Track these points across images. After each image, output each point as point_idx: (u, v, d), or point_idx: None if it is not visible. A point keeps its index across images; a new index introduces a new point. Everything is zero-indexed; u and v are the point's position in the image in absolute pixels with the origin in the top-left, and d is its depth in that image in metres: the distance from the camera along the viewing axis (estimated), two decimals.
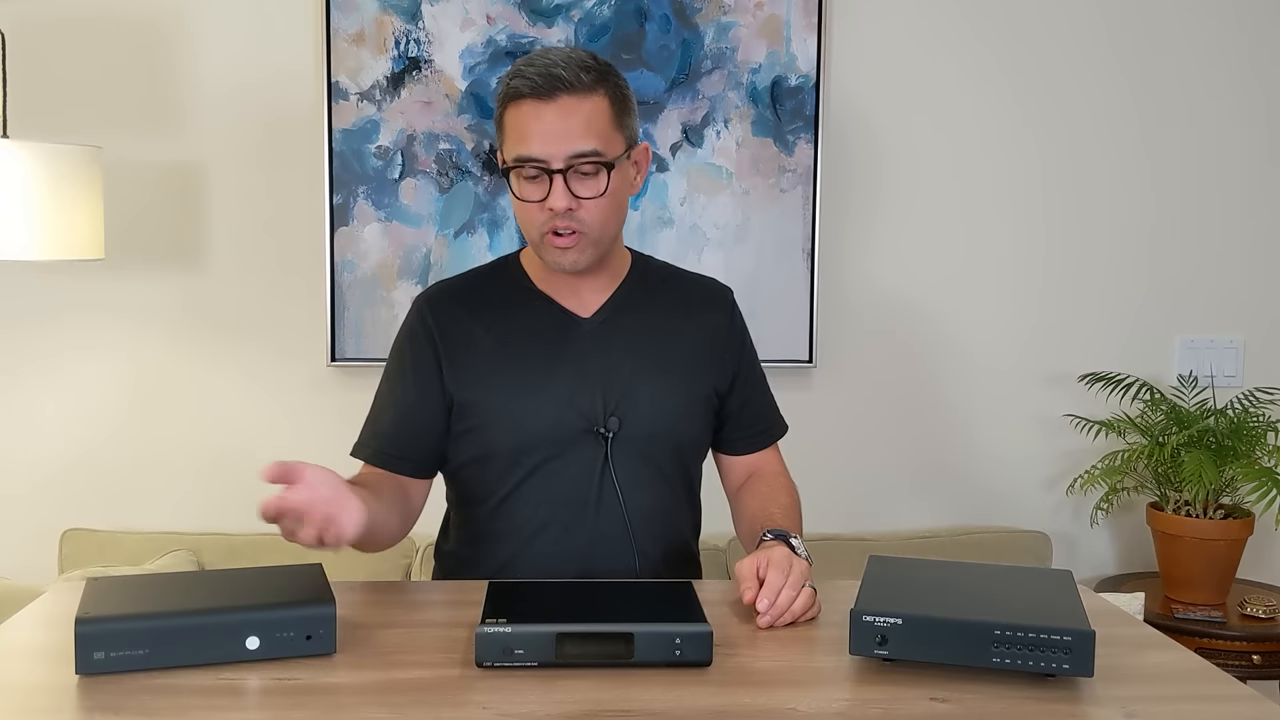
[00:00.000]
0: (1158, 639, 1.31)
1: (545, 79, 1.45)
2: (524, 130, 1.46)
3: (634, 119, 1.55)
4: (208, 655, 1.15)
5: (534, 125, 1.46)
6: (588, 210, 1.49)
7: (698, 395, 1.64)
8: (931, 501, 2.78)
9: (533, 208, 1.49)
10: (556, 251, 1.51)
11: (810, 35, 2.61)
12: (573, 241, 1.50)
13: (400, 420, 1.61)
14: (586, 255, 1.52)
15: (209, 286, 2.61)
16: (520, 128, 1.47)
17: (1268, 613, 2.43)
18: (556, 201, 1.46)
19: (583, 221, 1.49)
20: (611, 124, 1.49)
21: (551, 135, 1.45)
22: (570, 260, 1.51)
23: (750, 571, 1.36)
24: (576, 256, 1.51)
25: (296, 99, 2.57)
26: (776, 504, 1.60)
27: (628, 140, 1.53)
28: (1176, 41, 2.72)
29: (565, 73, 1.45)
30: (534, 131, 1.45)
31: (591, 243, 1.51)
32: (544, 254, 1.53)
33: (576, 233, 1.49)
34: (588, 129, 1.46)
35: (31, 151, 2.13)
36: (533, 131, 1.46)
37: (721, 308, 1.71)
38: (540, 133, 1.45)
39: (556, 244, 1.50)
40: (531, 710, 1.07)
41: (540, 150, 1.46)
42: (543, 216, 1.49)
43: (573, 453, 1.56)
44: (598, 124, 1.47)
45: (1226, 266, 2.78)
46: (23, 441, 2.60)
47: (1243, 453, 2.48)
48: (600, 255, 1.55)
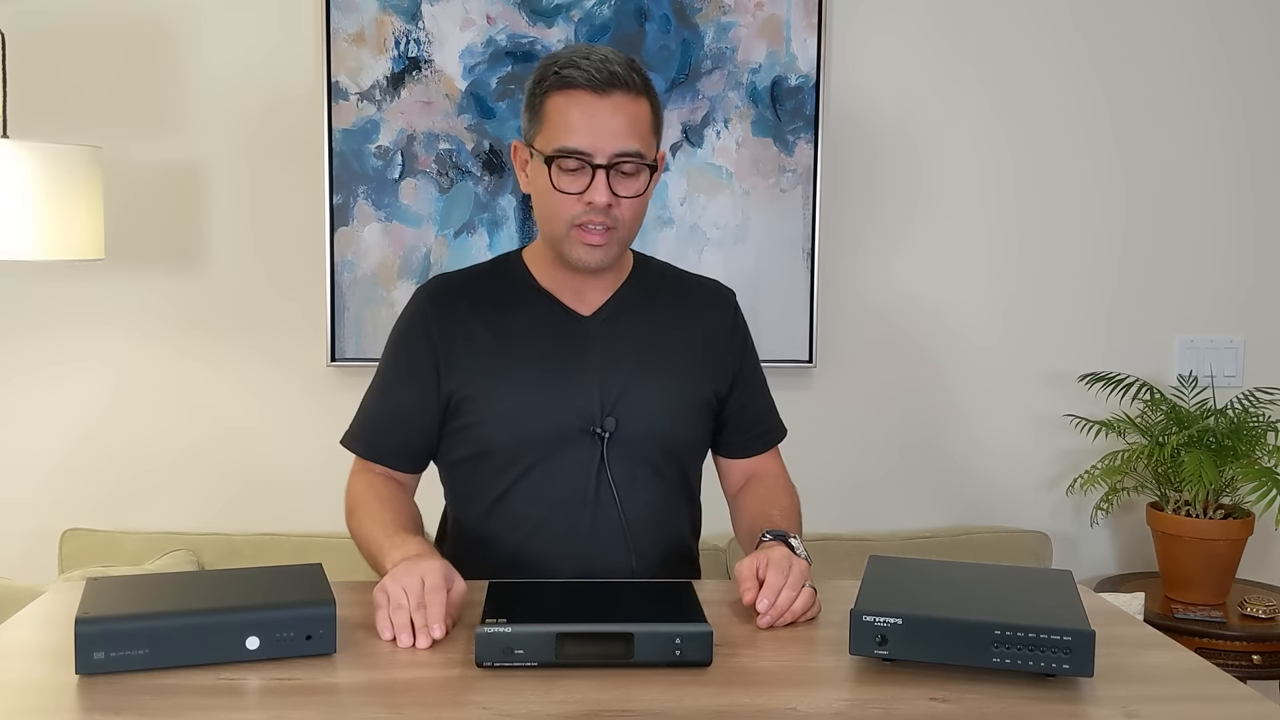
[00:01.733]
0: (1158, 639, 1.31)
1: (603, 74, 1.45)
2: (572, 122, 1.46)
3: (663, 127, 1.58)
4: (208, 655, 1.15)
5: (584, 119, 1.46)
6: (623, 209, 1.50)
7: (696, 397, 1.63)
8: (931, 501, 2.78)
9: (567, 200, 1.48)
10: (584, 248, 1.50)
11: (810, 35, 2.61)
12: (605, 239, 1.50)
13: (394, 416, 1.61)
14: (613, 254, 1.53)
15: (209, 286, 2.61)
16: (568, 118, 1.46)
17: (1268, 613, 2.43)
18: (598, 196, 1.46)
19: (618, 220, 1.50)
20: (651, 129, 1.51)
21: (602, 131, 1.45)
22: (599, 258, 1.51)
23: (750, 572, 1.36)
24: (605, 254, 1.52)
25: (296, 99, 2.57)
26: (776, 505, 1.60)
27: (658, 148, 1.56)
28: (1178, 40, 2.72)
29: (621, 71, 1.46)
30: (582, 125, 1.46)
31: (619, 241, 1.52)
32: (568, 248, 1.52)
33: (609, 229, 1.49)
34: (634, 130, 1.47)
35: (31, 151, 2.13)
36: (581, 125, 1.46)
37: (724, 310, 1.71)
38: (590, 127, 1.45)
39: (586, 239, 1.50)
40: (531, 710, 1.07)
41: (588, 144, 1.46)
42: (577, 209, 1.48)
43: (569, 451, 1.56)
44: (642, 127, 1.49)
45: (1226, 266, 2.78)
46: (23, 441, 2.60)
47: (1243, 453, 2.48)
48: (620, 256, 1.57)
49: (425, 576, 1.28)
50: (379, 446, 1.62)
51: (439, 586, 1.27)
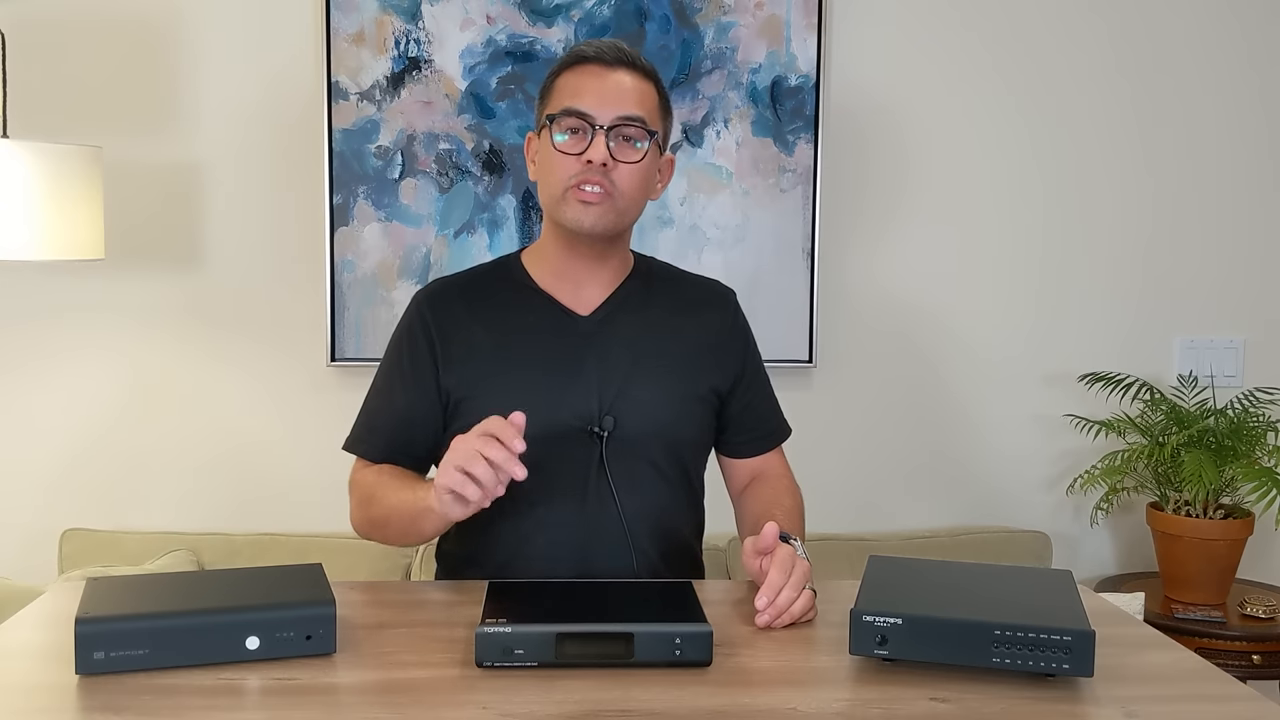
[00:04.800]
0: (1158, 639, 1.31)
1: (613, 51, 1.54)
2: (579, 86, 1.53)
3: (671, 125, 1.63)
4: (208, 655, 1.15)
5: (592, 83, 1.52)
6: (621, 174, 1.52)
7: (695, 395, 1.63)
8: (931, 501, 2.78)
9: (566, 160, 1.51)
10: (579, 207, 1.52)
11: (810, 35, 2.61)
12: (599, 198, 1.51)
13: (395, 420, 1.61)
14: (607, 220, 1.53)
15: (209, 286, 2.61)
16: (576, 85, 1.53)
17: (1268, 613, 2.43)
18: (596, 153, 1.49)
19: (615, 184, 1.52)
20: (657, 112, 1.57)
21: (607, 95, 1.51)
22: (592, 219, 1.52)
23: (754, 568, 1.36)
24: (598, 217, 1.52)
25: (296, 99, 2.57)
26: (779, 506, 1.60)
27: (664, 137, 1.60)
28: (1176, 41, 2.72)
29: (630, 53, 1.55)
30: (590, 88, 1.52)
31: (616, 210, 1.53)
32: (564, 210, 1.53)
33: (605, 192, 1.51)
34: (640, 100, 1.54)
35: (31, 151, 2.13)
36: (589, 88, 1.52)
37: (723, 309, 1.71)
38: (597, 90, 1.51)
39: (581, 197, 1.51)
40: (531, 710, 1.07)
41: (592, 105, 1.51)
42: (575, 169, 1.51)
43: (568, 451, 1.55)
44: (648, 101, 1.55)
45: (1226, 266, 2.78)
46: (23, 441, 2.60)
47: (1243, 453, 2.48)
48: (616, 228, 1.56)
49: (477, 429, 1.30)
50: (382, 449, 1.62)
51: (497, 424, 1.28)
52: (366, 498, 1.58)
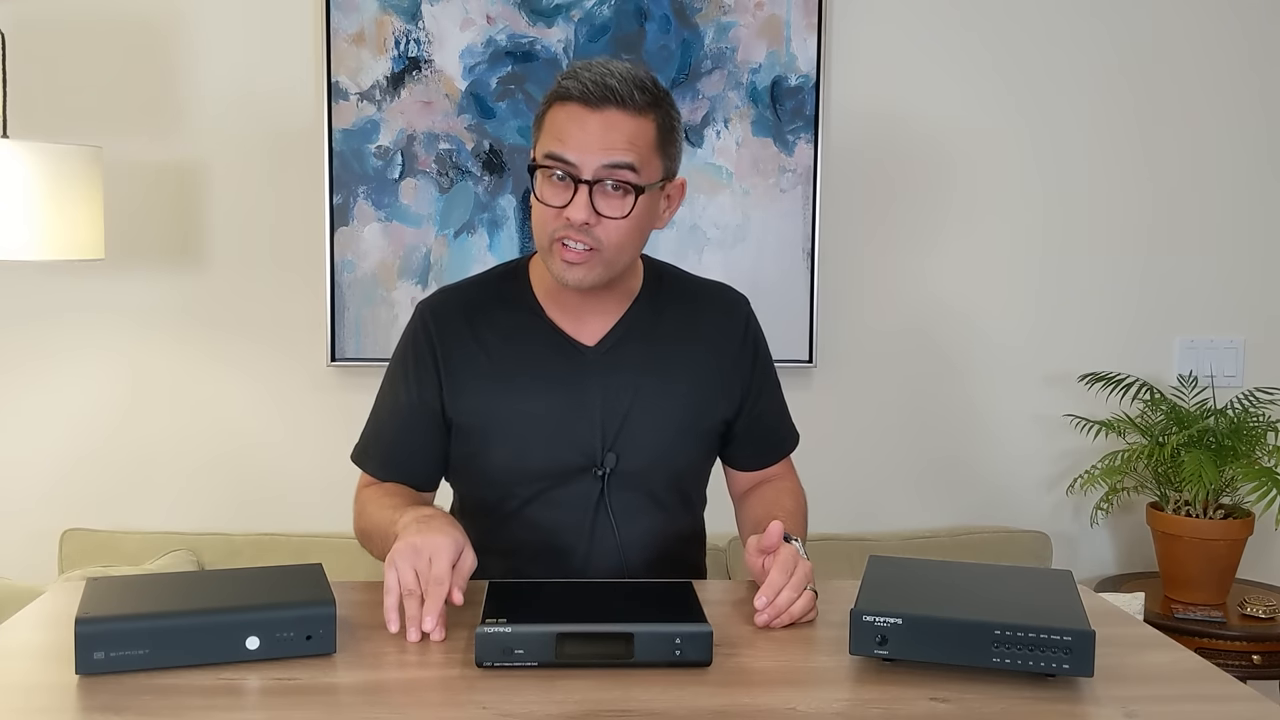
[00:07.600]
0: (1158, 639, 1.31)
1: (598, 87, 1.40)
2: (562, 131, 1.42)
3: (678, 151, 1.51)
4: (208, 655, 1.15)
5: (573, 129, 1.41)
6: (606, 230, 1.43)
7: (700, 425, 1.61)
8: (931, 501, 2.78)
9: (550, 212, 1.43)
10: (563, 265, 1.45)
11: (810, 35, 2.61)
12: (583, 258, 1.43)
13: (401, 435, 1.60)
14: (594, 275, 1.45)
15: (209, 286, 2.61)
16: (559, 128, 1.42)
17: (1268, 613, 2.43)
18: (576, 213, 1.40)
19: (599, 240, 1.43)
20: (653, 149, 1.45)
21: (589, 143, 1.40)
22: (577, 276, 1.45)
23: (757, 566, 1.36)
24: (584, 274, 1.45)
25: (297, 99, 2.57)
26: (781, 508, 1.59)
27: (666, 171, 1.48)
28: (1176, 42, 2.72)
29: (620, 87, 1.41)
30: (572, 135, 1.41)
31: (603, 263, 1.45)
32: (550, 263, 1.47)
33: (590, 249, 1.43)
34: (631, 142, 1.41)
35: (31, 151, 2.13)
36: (571, 135, 1.41)
37: (735, 320, 1.66)
38: (578, 138, 1.40)
39: (565, 256, 1.44)
40: (531, 710, 1.07)
41: (574, 154, 1.41)
42: (558, 223, 1.43)
43: (569, 486, 1.54)
44: (639, 145, 1.42)
45: (1226, 266, 2.78)
46: (23, 441, 2.60)
47: (1243, 453, 2.47)
48: (609, 277, 1.48)
49: (433, 558, 1.26)
50: (384, 462, 1.61)
51: (443, 578, 1.25)
52: (360, 510, 1.58)
